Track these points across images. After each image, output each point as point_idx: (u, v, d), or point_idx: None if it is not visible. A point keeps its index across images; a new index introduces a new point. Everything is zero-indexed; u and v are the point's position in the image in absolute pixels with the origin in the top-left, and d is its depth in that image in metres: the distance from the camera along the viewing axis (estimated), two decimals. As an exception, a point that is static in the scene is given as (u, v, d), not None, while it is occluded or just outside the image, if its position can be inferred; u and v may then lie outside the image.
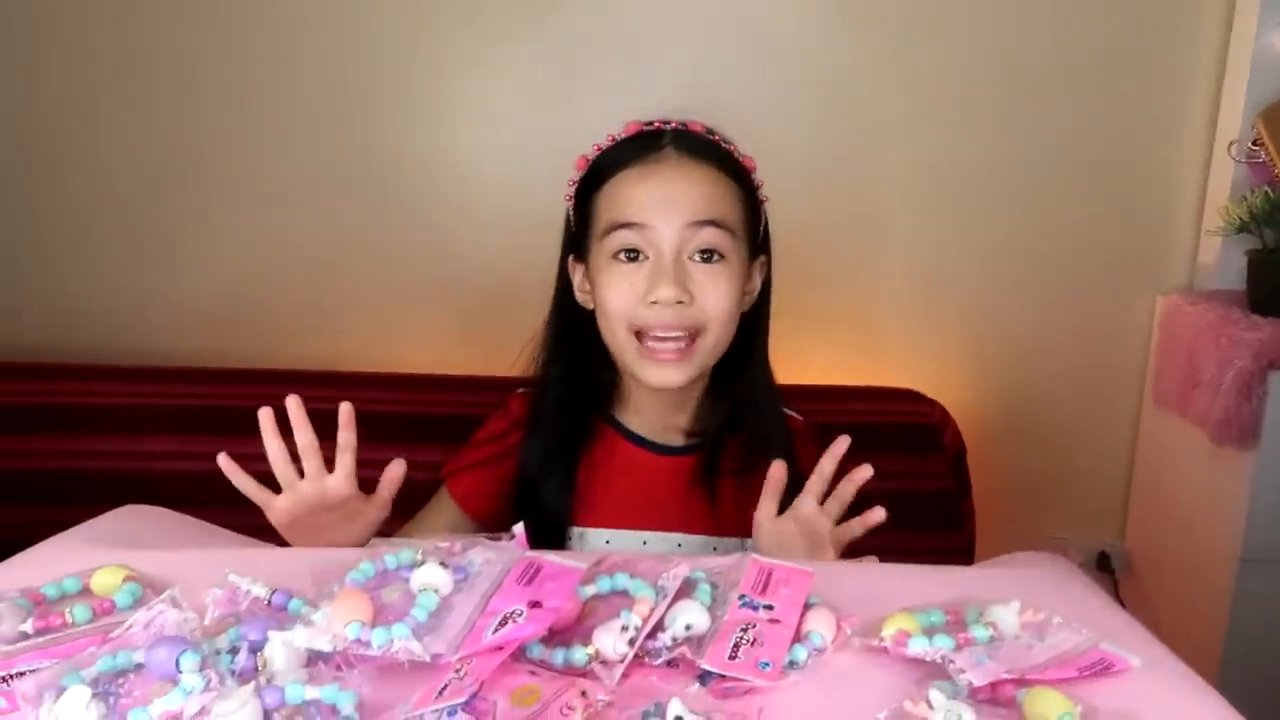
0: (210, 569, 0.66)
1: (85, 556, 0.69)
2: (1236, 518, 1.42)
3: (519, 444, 1.01)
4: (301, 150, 1.69)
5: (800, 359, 1.67)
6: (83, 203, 1.73)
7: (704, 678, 0.59)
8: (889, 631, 0.63)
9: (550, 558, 0.66)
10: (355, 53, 1.66)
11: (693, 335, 0.92)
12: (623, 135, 0.96)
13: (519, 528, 0.68)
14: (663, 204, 0.91)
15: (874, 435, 1.50)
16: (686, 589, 0.65)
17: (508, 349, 1.04)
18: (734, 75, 1.63)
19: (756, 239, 0.99)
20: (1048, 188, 1.67)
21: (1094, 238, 1.69)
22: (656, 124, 0.96)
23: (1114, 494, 1.77)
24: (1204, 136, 1.63)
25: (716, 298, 0.92)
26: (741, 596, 0.65)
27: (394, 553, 0.65)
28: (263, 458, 0.82)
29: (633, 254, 0.92)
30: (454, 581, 0.62)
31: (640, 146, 0.94)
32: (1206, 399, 1.45)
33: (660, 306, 0.91)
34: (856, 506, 1.13)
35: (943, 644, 0.61)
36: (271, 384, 1.58)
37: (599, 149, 0.96)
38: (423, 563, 0.63)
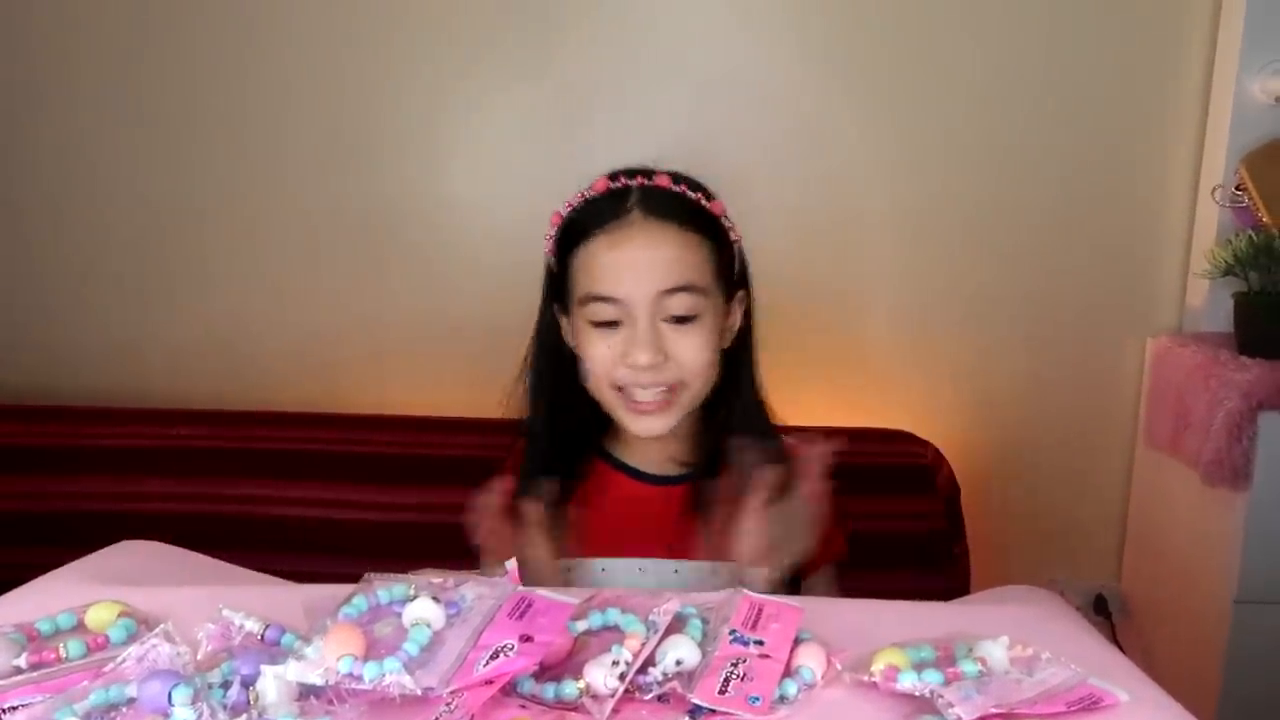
0: (204, 604, 0.66)
1: (80, 593, 0.69)
2: (1230, 559, 1.42)
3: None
4: (298, 195, 1.72)
5: (792, 400, 1.67)
6: (79, 246, 1.75)
7: (694, 712, 0.59)
8: (878, 666, 0.63)
9: (542, 593, 0.66)
10: (352, 98, 1.69)
11: (673, 388, 0.96)
12: (591, 193, 0.98)
13: (511, 563, 0.69)
14: (633, 275, 0.94)
15: (867, 476, 1.51)
16: (677, 624, 0.65)
17: (502, 391, 1.05)
18: (724, 122, 1.66)
19: (733, 277, 1.01)
20: (1037, 231, 1.69)
21: (1083, 281, 1.71)
22: (623, 181, 0.97)
23: (1109, 536, 1.77)
24: (1188, 181, 1.66)
25: (692, 355, 0.95)
26: (732, 632, 0.65)
27: (387, 588, 0.66)
28: (241, 500, 0.86)
29: (608, 322, 0.95)
30: (446, 616, 0.63)
31: (608, 209, 0.96)
32: (1197, 440, 1.46)
33: (637, 370, 0.94)
34: (850, 551, 1.13)
35: (932, 679, 0.62)
36: (266, 426, 1.59)
37: (571, 206, 0.98)
38: (415, 597, 0.63)
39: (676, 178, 0.98)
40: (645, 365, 0.93)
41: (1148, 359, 1.68)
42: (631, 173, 0.98)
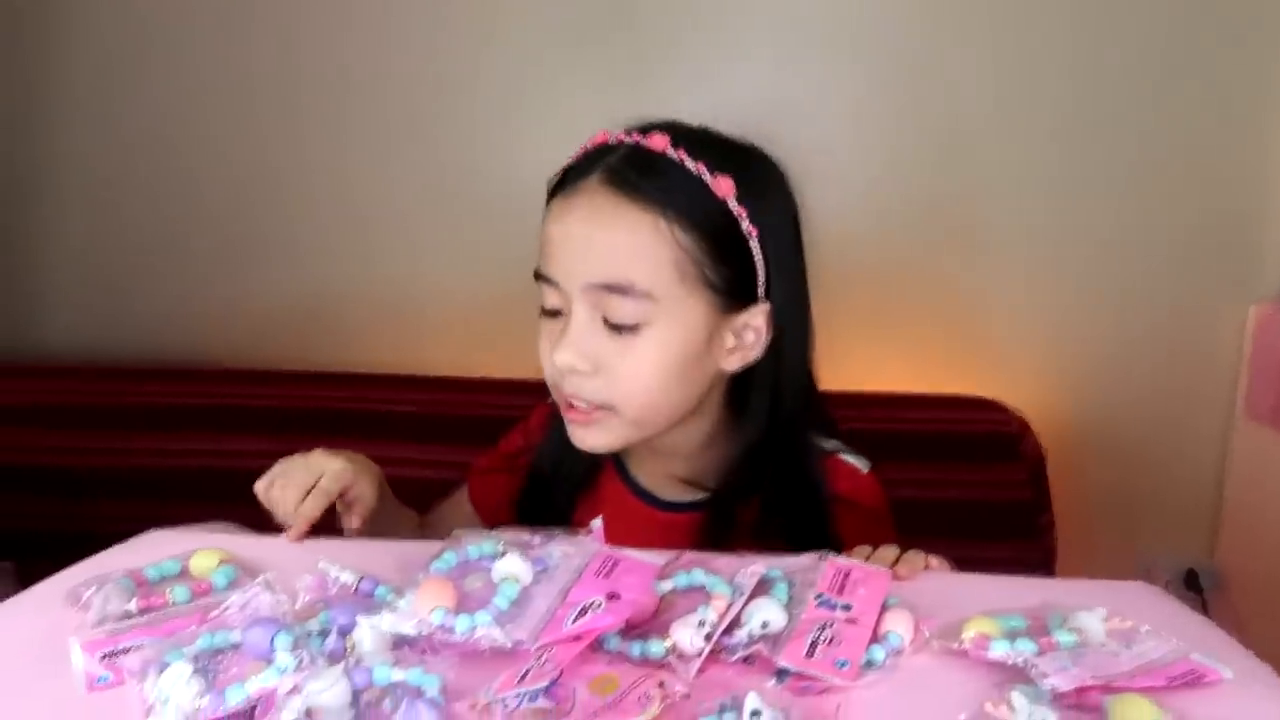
0: (301, 555, 0.68)
1: (182, 541, 0.72)
2: (1336, 536, 1.36)
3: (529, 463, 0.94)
4: (380, 163, 1.74)
5: (876, 367, 1.66)
6: (176, 215, 1.80)
7: (781, 675, 0.59)
8: (969, 634, 0.62)
9: (628, 553, 0.66)
10: (437, 68, 1.70)
11: (603, 408, 0.79)
12: (585, 148, 0.83)
13: (597, 522, 0.69)
14: (563, 256, 0.78)
15: (950, 444, 1.49)
16: (763, 587, 0.65)
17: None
18: (813, 81, 1.63)
19: (745, 284, 0.81)
20: (1133, 193, 1.63)
21: (1182, 244, 1.64)
22: (619, 137, 0.82)
23: (1203, 510, 1.72)
24: (1294, 140, 1.58)
25: (626, 375, 0.78)
26: (819, 595, 0.65)
27: (476, 543, 0.67)
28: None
29: (553, 311, 0.81)
30: (534, 572, 0.64)
31: (575, 171, 0.81)
32: (1303, 412, 1.39)
33: (558, 371, 0.79)
34: (933, 519, 1.07)
35: (1025, 648, 0.60)
36: (349, 386, 1.64)
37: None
38: (504, 554, 0.64)
39: (679, 138, 0.79)
40: (566, 367, 0.78)
41: (1250, 327, 1.61)
42: (649, 127, 0.81)
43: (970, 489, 1.41)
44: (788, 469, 0.85)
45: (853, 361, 1.63)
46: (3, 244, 1.81)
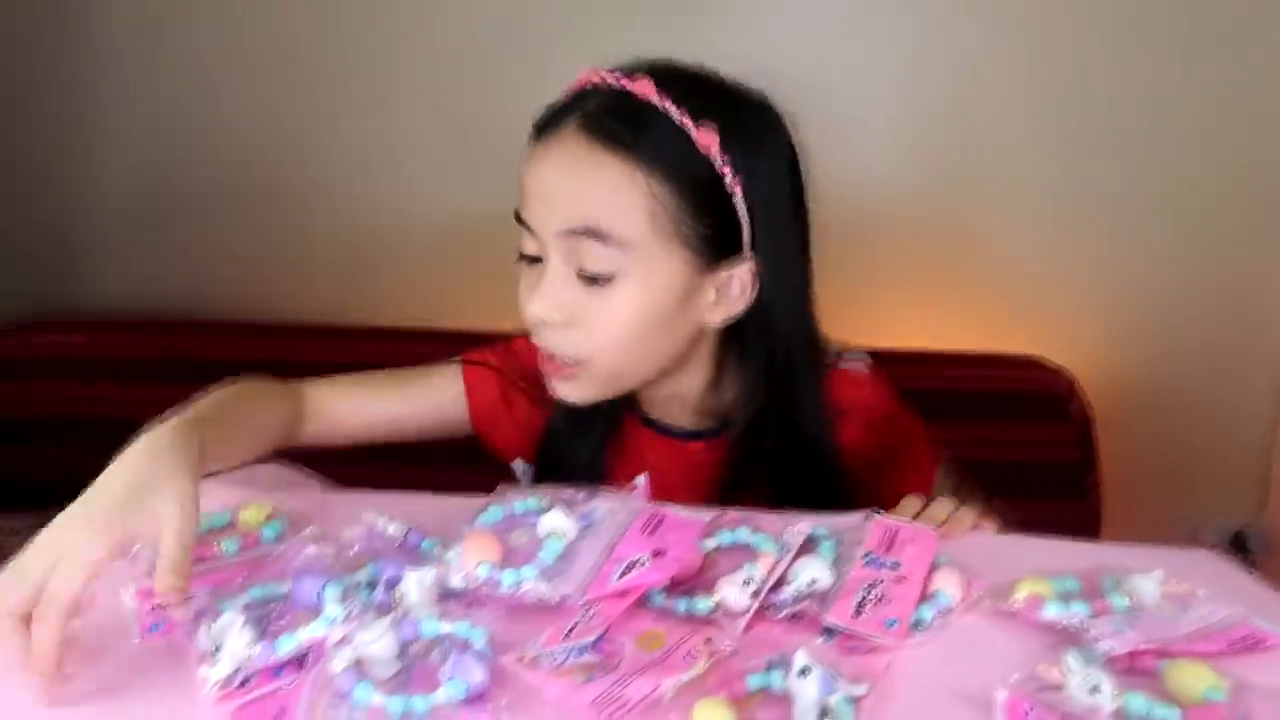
0: (347, 508, 0.69)
1: (232, 494, 0.73)
2: (1394, 500, 1.33)
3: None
4: (422, 114, 1.72)
5: (914, 323, 1.63)
6: (214, 170, 1.80)
7: (828, 633, 0.59)
8: (1021, 595, 0.61)
9: (673, 509, 0.66)
10: (470, 20, 1.67)
11: (577, 360, 0.78)
12: (567, 90, 0.81)
13: (642, 479, 0.69)
14: (540, 205, 0.77)
15: (996, 403, 1.46)
16: (809, 545, 0.65)
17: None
18: (839, 24, 1.57)
19: (728, 237, 0.77)
20: (1185, 147, 1.56)
21: (1235, 199, 1.58)
22: (602, 76, 0.79)
23: (1253, 471, 1.68)
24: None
25: (598, 329, 0.76)
26: (866, 554, 0.64)
27: (521, 499, 0.67)
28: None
29: (533, 258, 0.79)
30: (579, 528, 0.64)
31: (555, 113, 0.79)
32: (1364, 372, 1.35)
33: (531, 323, 0.79)
34: (978, 477, 1.07)
35: (1079, 610, 0.59)
36: (388, 341, 1.64)
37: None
38: (549, 509, 0.64)
39: (665, 82, 0.76)
40: (536, 320, 0.77)
41: (1310, 285, 1.56)
42: (635, 68, 0.78)
43: (1017, 448, 1.39)
44: (790, 426, 0.83)
45: (895, 319, 1.61)
46: (50, 199, 1.83)
